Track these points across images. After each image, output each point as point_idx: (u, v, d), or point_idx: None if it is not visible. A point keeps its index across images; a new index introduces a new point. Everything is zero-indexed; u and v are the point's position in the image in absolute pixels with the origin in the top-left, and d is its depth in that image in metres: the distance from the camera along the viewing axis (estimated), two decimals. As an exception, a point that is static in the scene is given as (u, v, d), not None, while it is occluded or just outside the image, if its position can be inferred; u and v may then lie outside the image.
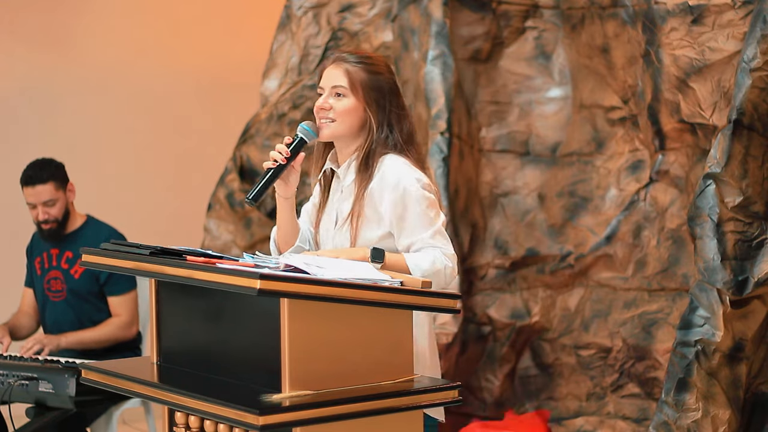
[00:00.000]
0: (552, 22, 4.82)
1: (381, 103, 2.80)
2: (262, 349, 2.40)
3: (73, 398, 3.82)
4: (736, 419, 3.72)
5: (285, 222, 2.89)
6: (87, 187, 5.54)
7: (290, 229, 2.91)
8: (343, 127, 2.80)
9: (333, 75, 2.82)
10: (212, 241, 5.19)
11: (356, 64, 2.81)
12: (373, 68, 2.81)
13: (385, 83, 2.82)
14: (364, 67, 2.81)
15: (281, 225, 2.90)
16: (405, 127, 2.83)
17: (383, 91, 2.81)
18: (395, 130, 2.81)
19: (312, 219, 2.98)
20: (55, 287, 4.31)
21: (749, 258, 3.72)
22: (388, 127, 2.81)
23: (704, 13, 4.07)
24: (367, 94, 2.79)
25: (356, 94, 2.79)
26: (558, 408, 4.70)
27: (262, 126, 5.22)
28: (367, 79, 2.80)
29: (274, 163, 2.77)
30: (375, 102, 2.80)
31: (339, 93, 2.80)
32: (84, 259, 2.67)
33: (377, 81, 2.80)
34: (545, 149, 4.82)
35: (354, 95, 2.79)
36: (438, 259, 2.69)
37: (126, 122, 6.20)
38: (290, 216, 2.89)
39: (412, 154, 2.81)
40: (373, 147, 2.80)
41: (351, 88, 2.79)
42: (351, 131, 2.82)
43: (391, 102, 2.82)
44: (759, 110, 3.77)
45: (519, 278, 4.78)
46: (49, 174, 4.21)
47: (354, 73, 2.79)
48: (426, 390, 2.46)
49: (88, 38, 6.10)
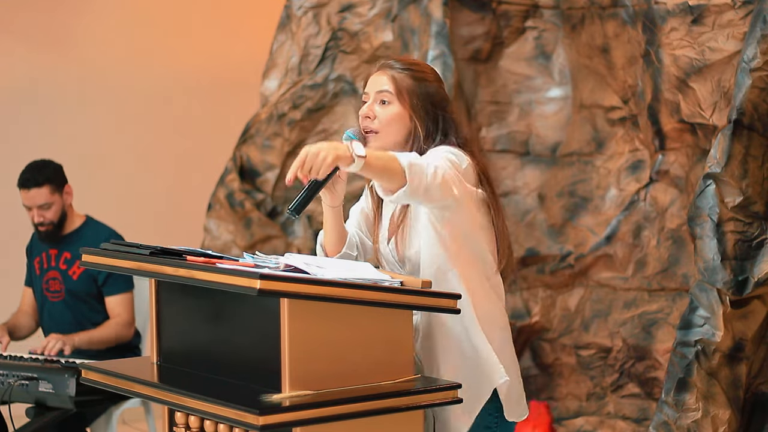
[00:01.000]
0: (552, 22, 4.82)
1: (429, 110, 2.69)
2: (262, 349, 2.40)
3: (73, 398, 3.82)
4: (736, 419, 3.72)
5: (332, 229, 2.77)
6: (87, 187, 5.54)
7: (337, 236, 2.78)
8: (388, 138, 2.69)
9: (378, 81, 2.71)
10: (212, 241, 5.19)
11: (402, 70, 2.70)
12: (419, 75, 2.71)
13: (433, 90, 2.71)
14: (411, 73, 2.70)
15: (328, 232, 2.78)
16: (462, 132, 2.71)
17: (431, 98, 2.70)
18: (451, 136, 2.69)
19: (361, 225, 2.86)
20: (53, 287, 4.32)
21: (749, 258, 3.72)
22: (443, 133, 2.69)
23: (704, 13, 4.07)
24: (414, 101, 2.68)
25: (402, 101, 2.68)
26: (558, 408, 4.70)
27: (262, 126, 5.22)
28: (414, 85, 2.69)
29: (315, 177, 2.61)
30: (422, 109, 2.69)
31: (384, 100, 2.69)
32: (84, 259, 2.67)
33: (425, 88, 2.70)
34: (545, 149, 4.83)
35: (400, 102, 2.68)
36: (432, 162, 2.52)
37: (126, 122, 6.20)
38: (337, 223, 2.77)
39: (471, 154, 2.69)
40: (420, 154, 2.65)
41: (397, 95, 2.68)
42: (397, 140, 2.70)
43: (439, 108, 2.70)
44: (759, 110, 3.77)
45: (519, 278, 4.79)
46: (44, 178, 4.19)
47: (400, 80, 2.69)
48: (426, 390, 2.46)
49: (88, 38, 6.10)
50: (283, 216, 5.26)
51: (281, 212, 5.25)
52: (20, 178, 4.22)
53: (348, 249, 2.82)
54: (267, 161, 5.24)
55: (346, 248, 2.81)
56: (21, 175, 4.22)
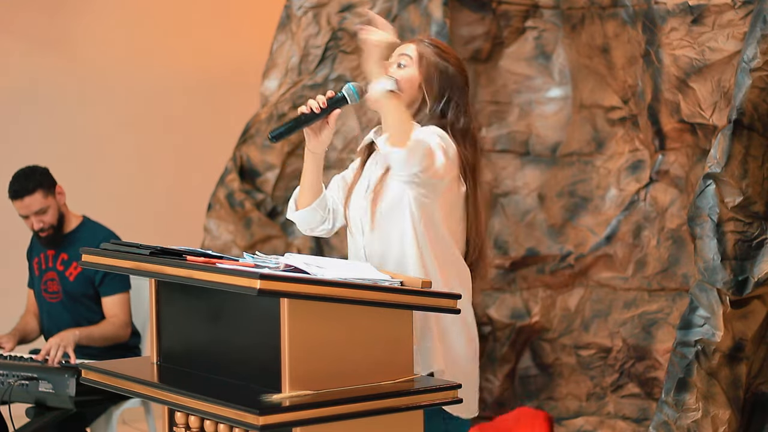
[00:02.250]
0: (552, 22, 4.82)
1: (442, 89, 2.74)
2: (262, 349, 2.40)
3: (73, 398, 3.82)
4: (736, 419, 3.72)
5: (307, 177, 2.81)
6: (87, 187, 5.55)
7: (310, 185, 2.82)
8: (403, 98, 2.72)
9: (405, 47, 2.78)
10: (212, 241, 5.19)
11: (431, 46, 2.77)
12: (444, 55, 2.76)
13: (452, 74, 2.75)
14: (436, 50, 2.76)
15: (303, 178, 2.82)
16: (462, 120, 2.74)
17: (449, 80, 2.74)
18: (448, 117, 2.73)
19: (337, 193, 2.90)
20: (51, 288, 4.32)
21: (749, 258, 3.72)
22: (442, 112, 2.73)
23: (704, 13, 4.07)
24: (431, 73, 2.73)
25: (420, 68, 2.74)
26: (558, 408, 4.70)
27: (262, 126, 5.22)
28: (435, 61, 2.74)
29: (309, 110, 2.71)
30: (436, 83, 2.73)
31: (402, 63, 2.76)
32: (84, 259, 2.67)
33: (447, 68, 2.75)
34: (545, 149, 4.83)
35: (417, 69, 2.74)
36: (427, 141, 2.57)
37: (126, 122, 6.20)
38: (314, 173, 2.81)
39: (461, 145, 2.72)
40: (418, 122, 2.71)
41: (417, 61, 2.74)
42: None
43: (453, 93, 2.74)
44: (759, 110, 3.76)
45: (519, 278, 4.78)
46: (35, 183, 4.18)
47: (423, 50, 2.75)
48: (426, 390, 2.46)
49: (88, 38, 6.10)
50: (283, 216, 5.26)
51: (281, 212, 5.25)
52: (10, 189, 4.19)
53: (318, 206, 2.85)
54: (267, 161, 5.24)
55: (317, 204, 2.84)
56: (10, 187, 4.19)
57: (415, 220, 2.68)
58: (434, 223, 2.70)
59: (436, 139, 2.63)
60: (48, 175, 4.25)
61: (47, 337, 4.28)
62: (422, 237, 2.69)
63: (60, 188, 4.28)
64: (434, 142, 2.61)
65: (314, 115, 2.71)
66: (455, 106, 2.74)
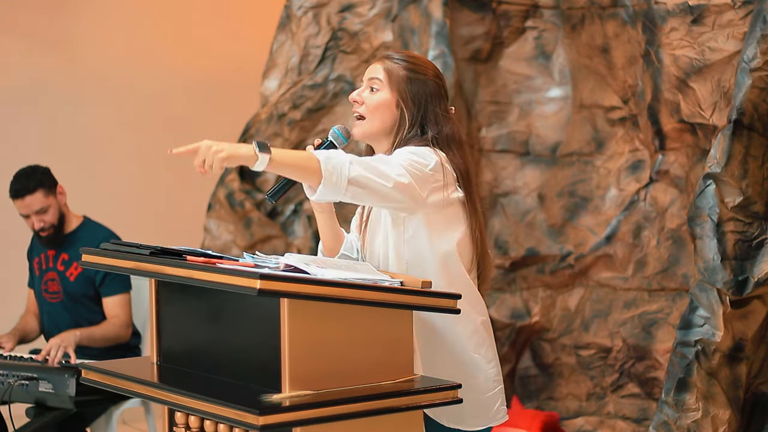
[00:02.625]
0: (552, 22, 4.82)
1: (417, 101, 2.70)
2: (262, 349, 2.40)
3: (73, 398, 3.82)
4: (736, 419, 3.72)
5: (323, 231, 2.79)
6: (87, 188, 5.54)
7: (330, 237, 2.81)
8: (373, 124, 2.71)
9: (373, 69, 2.75)
10: (212, 241, 5.19)
11: (398, 61, 2.73)
12: (415, 68, 2.73)
13: (427, 83, 2.72)
14: (406, 65, 2.73)
15: (321, 234, 2.80)
16: (444, 129, 2.70)
17: (422, 90, 2.71)
18: (429, 129, 2.70)
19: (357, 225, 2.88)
20: (52, 288, 4.32)
21: (749, 258, 3.72)
22: (421, 126, 2.70)
23: (704, 13, 4.07)
24: (403, 89, 2.70)
25: (391, 88, 2.71)
26: (558, 408, 4.70)
27: (262, 126, 5.22)
28: (406, 76, 2.71)
29: None
30: (411, 99, 2.70)
31: (374, 87, 2.73)
32: (84, 259, 2.67)
33: (417, 79, 2.71)
34: (545, 149, 4.83)
35: (389, 89, 2.71)
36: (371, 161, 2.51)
37: (126, 122, 6.20)
38: (329, 226, 2.79)
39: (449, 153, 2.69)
40: (402, 144, 2.68)
41: (387, 82, 2.71)
42: (382, 128, 2.72)
43: (430, 102, 2.71)
44: (759, 110, 3.77)
45: (519, 278, 4.79)
46: (35, 183, 4.18)
47: (393, 69, 2.72)
48: (426, 390, 2.46)
49: (88, 39, 6.10)
50: (283, 216, 5.26)
51: (281, 212, 5.25)
52: (11, 189, 4.19)
53: (346, 251, 2.83)
54: (267, 161, 5.23)
55: (344, 250, 2.82)
56: (11, 186, 4.20)
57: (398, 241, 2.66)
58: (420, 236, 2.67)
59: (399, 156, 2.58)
60: (49, 174, 4.25)
61: (47, 338, 4.28)
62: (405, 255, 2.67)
63: (61, 188, 4.28)
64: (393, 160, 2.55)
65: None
66: (434, 116, 2.71)
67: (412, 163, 2.57)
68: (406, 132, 2.71)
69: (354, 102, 2.75)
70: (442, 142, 2.70)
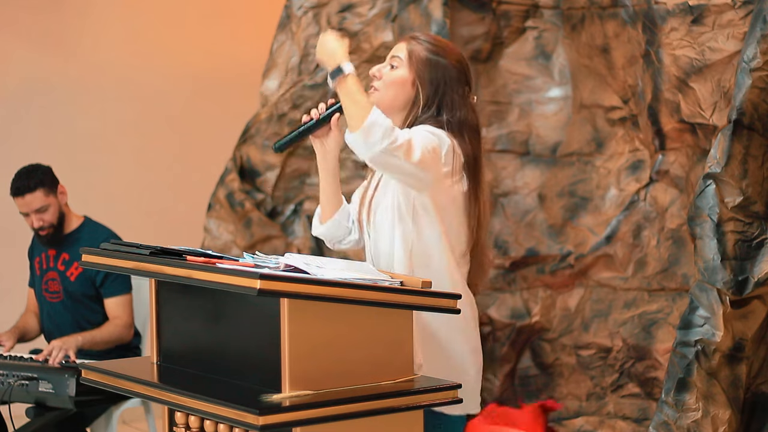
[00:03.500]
0: (552, 22, 4.82)
1: (435, 83, 2.72)
2: (262, 349, 2.40)
3: (73, 398, 3.82)
4: (736, 419, 3.72)
5: (324, 191, 2.82)
6: (87, 188, 5.55)
7: (329, 199, 2.84)
8: (386, 97, 2.74)
9: (397, 48, 2.78)
10: (212, 241, 5.19)
11: (422, 43, 2.76)
12: (437, 50, 2.75)
13: (448, 68, 2.74)
14: (429, 47, 2.75)
15: (321, 193, 2.83)
16: (458, 114, 2.72)
17: (442, 73, 2.73)
18: (444, 113, 2.71)
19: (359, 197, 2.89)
20: (52, 288, 4.32)
21: (749, 258, 3.72)
22: (437, 107, 2.72)
23: (704, 13, 4.07)
24: (422, 69, 2.73)
25: (411, 67, 2.73)
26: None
27: (262, 126, 5.22)
28: (427, 57, 2.73)
29: (309, 118, 2.74)
30: (429, 80, 2.72)
31: (394, 64, 2.76)
32: (84, 259, 2.67)
33: (438, 62, 2.73)
34: (545, 149, 4.83)
35: (408, 68, 2.73)
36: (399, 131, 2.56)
37: (126, 122, 6.20)
38: (331, 185, 2.82)
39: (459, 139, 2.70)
40: (415, 123, 2.71)
41: (407, 60, 2.74)
42: (394, 103, 2.74)
43: (449, 86, 2.72)
44: (759, 110, 3.77)
45: (519, 278, 4.79)
46: (36, 181, 4.19)
47: (415, 50, 2.75)
48: (426, 390, 2.46)
49: (88, 39, 6.10)
50: (283, 216, 5.26)
51: (281, 212, 5.25)
52: (12, 186, 4.20)
53: (341, 217, 2.85)
54: (267, 161, 5.24)
55: (339, 215, 2.84)
56: (12, 184, 4.20)
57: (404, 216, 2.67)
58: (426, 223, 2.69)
59: (421, 134, 2.62)
60: (50, 173, 4.25)
61: (47, 337, 4.29)
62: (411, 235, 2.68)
63: (62, 188, 4.28)
64: (418, 136, 2.59)
65: (316, 122, 2.74)
66: (450, 100, 2.73)
67: (430, 142, 2.60)
68: (421, 112, 2.73)
69: (372, 76, 2.78)
70: (455, 127, 2.71)
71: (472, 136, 2.74)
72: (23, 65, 5.91)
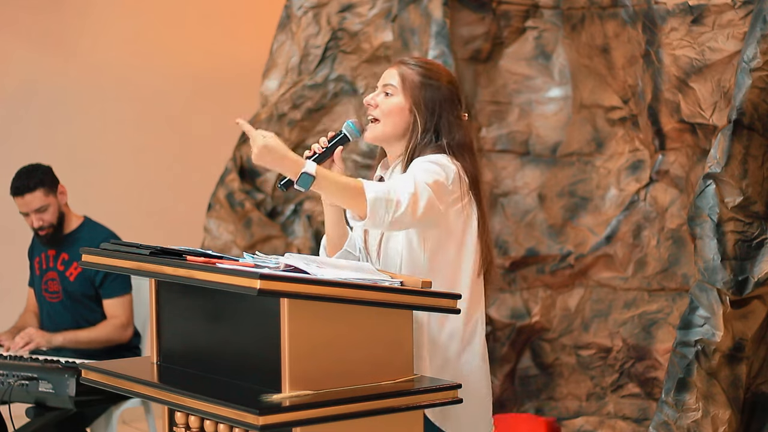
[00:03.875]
0: (552, 22, 4.82)
1: (430, 107, 2.72)
2: (262, 349, 2.40)
3: (73, 398, 3.82)
4: (736, 419, 3.72)
5: (329, 224, 2.82)
6: (87, 187, 5.55)
7: (334, 231, 2.82)
8: (387, 128, 2.75)
9: (388, 74, 2.78)
10: (212, 241, 5.19)
11: (413, 67, 2.76)
12: (429, 74, 2.75)
13: (441, 89, 2.74)
14: (421, 71, 2.75)
15: (326, 226, 2.83)
16: (456, 136, 2.72)
17: (436, 96, 2.73)
18: (443, 136, 2.71)
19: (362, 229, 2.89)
20: (52, 288, 4.32)
21: (749, 258, 3.72)
22: (435, 132, 2.72)
23: (704, 13, 4.07)
24: (417, 95, 2.72)
25: (405, 93, 2.73)
26: (558, 408, 4.70)
27: (262, 126, 5.22)
28: (420, 81, 2.73)
29: (312, 152, 2.73)
30: (424, 105, 2.72)
31: (388, 92, 2.75)
32: (84, 259, 2.67)
33: (431, 85, 2.73)
34: (545, 149, 4.83)
35: (403, 95, 2.73)
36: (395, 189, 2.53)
37: (126, 122, 6.20)
38: (334, 218, 2.81)
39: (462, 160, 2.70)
40: (417, 150, 2.71)
41: (401, 87, 2.74)
42: (395, 132, 2.75)
43: (444, 108, 2.72)
44: (759, 110, 3.77)
45: (519, 278, 4.79)
46: (36, 181, 4.19)
47: (407, 75, 2.74)
48: (426, 390, 2.46)
49: (88, 39, 6.10)
50: (283, 216, 5.26)
51: (281, 212, 5.25)
52: (12, 186, 4.21)
53: (349, 247, 2.84)
54: (267, 161, 5.23)
55: (347, 246, 2.83)
56: (12, 183, 4.21)
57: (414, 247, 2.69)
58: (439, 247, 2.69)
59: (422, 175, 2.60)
60: (51, 173, 4.25)
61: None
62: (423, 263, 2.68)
63: (62, 188, 4.28)
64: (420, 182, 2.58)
65: (319, 156, 2.73)
66: (447, 122, 2.73)
67: (433, 176, 2.60)
68: (420, 137, 2.73)
69: (368, 105, 2.77)
70: (455, 150, 2.72)
71: (470, 156, 2.75)
72: (23, 65, 5.91)
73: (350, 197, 2.51)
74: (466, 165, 2.71)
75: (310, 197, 5.22)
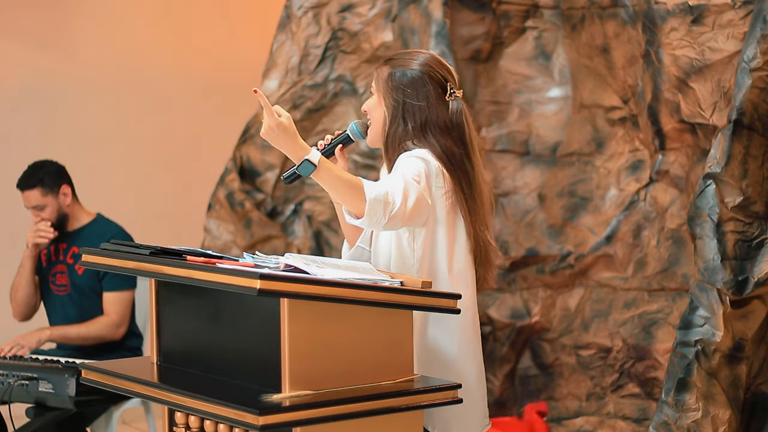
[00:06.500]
0: (552, 22, 4.82)
1: (395, 96, 2.72)
2: (262, 349, 2.40)
3: (73, 398, 3.82)
4: (736, 419, 3.72)
5: (341, 220, 2.81)
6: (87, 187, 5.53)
7: (349, 228, 2.84)
8: (376, 129, 2.78)
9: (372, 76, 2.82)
10: (212, 241, 5.19)
11: (387, 62, 2.78)
12: (397, 62, 2.75)
13: (407, 73, 2.72)
14: (391, 62, 2.77)
15: (341, 223, 2.83)
16: (419, 118, 2.70)
17: (400, 81, 2.72)
18: (408, 121, 2.72)
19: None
20: (59, 281, 4.32)
21: (749, 258, 3.72)
22: (402, 119, 2.72)
23: (704, 13, 4.07)
24: (385, 89, 2.74)
25: (378, 91, 2.76)
26: (558, 408, 4.70)
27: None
28: (388, 74, 2.74)
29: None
30: (391, 96, 2.73)
31: (372, 94, 2.80)
32: (84, 258, 2.67)
33: (397, 75, 2.73)
34: (545, 149, 4.83)
35: (377, 93, 2.77)
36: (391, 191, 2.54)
37: (126, 122, 6.20)
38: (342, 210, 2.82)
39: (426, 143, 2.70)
40: (388, 142, 2.73)
41: (376, 86, 2.77)
42: (377, 132, 2.80)
43: (407, 94, 2.71)
44: (759, 110, 3.77)
45: (519, 278, 4.79)
46: (36, 180, 4.20)
47: (380, 72, 2.77)
48: (426, 390, 2.46)
49: (88, 39, 6.10)
50: (283, 216, 5.26)
51: (281, 212, 5.25)
52: (18, 179, 4.25)
53: (362, 243, 2.86)
54: (267, 161, 5.24)
55: (360, 242, 2.85)
56: (20, 176, 4.25)
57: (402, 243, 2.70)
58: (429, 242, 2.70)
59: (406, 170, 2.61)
60: (54, 174, 4.24)
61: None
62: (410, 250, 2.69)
63: (66, 188, 4.27)
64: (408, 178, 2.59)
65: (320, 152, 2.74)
66: (411, 107, 2.72)
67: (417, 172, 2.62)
68: (388, 127, 2.74)
69: (364, 112, 2.83)
70: (421, 132, 2.72)
71: (442, 134, 2.72)
72: (23, 65, 5.91)
73: (349, 194, 2.52)
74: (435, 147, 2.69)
75: (310, 197, 5.22)
